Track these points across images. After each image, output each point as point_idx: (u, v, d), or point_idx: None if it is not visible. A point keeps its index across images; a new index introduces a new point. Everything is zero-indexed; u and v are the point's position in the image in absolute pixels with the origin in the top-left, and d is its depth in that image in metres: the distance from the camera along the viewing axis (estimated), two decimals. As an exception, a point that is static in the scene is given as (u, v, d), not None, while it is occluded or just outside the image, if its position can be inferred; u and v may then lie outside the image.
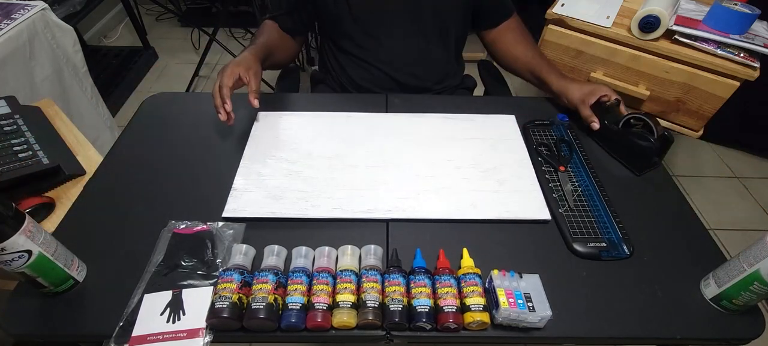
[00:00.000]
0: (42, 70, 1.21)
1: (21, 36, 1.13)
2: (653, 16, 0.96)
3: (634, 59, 1.04)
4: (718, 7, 0.95)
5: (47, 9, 1.23)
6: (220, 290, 0.50)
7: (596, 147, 0.78)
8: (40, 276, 0.50)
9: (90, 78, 1.42)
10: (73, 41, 1.32)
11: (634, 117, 0.75)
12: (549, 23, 1.12)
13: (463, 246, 0.58)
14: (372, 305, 0.50)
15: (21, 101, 0.94)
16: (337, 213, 0.63)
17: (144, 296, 0.53)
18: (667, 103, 1.06)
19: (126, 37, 2.49)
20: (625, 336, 0.52)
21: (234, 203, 0.64)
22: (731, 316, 0.54)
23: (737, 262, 0.50)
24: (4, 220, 0.45)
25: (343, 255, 0.57)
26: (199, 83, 2.15)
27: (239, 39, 2.39)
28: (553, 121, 0.82)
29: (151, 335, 0.49)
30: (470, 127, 0.80)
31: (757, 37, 0.94)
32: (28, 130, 0.85)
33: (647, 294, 0.55)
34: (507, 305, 0.49)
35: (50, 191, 0.81)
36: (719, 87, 0.96)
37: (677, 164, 1.77)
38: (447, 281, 0.52)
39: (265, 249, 0.57)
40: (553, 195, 0.68)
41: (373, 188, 0.68)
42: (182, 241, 0.59)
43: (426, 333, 0.50)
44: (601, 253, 0.59)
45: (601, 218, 0.64)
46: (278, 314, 0.50)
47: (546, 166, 0.73)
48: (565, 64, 1.15)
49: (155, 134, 0.79)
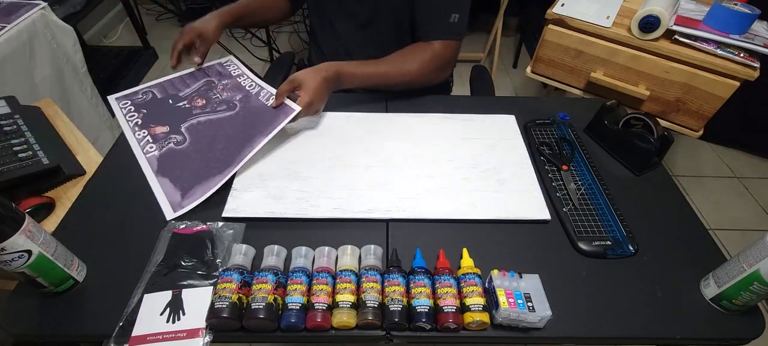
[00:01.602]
0: (42, 70, 1.21)
1: (21, 36, 1.13)
2: (653, 16, 0.96)
3: (634, 59, 1.04)
4: (718, 7, 0.95)
5: (47, 9, 1.23)
6: (220, 290, 0.50)
7: (596, 147, 0.78)
8: (40, 276, 0.50)
9: (90, 78, 1.42)
10: (73, 41, 1.32)
11: (634, 117, 0.75)
12: (549, 23, 1.12)
13: (462, 246, 0.58)
14: (372, 305, 0.50)
15: (21, 101, 0.94)
16: (337, 213, 0.63)
17: (144, 296, 0.53)
18: (667, 103, 1.06)
19: (126, 37, 2.49)
20: (625, 336, 0.52)
21: (234, 202, 0.64)
22: (731, 316, 0.54)
23: (737, 262, 0.50)
24: (4, 220, 0.45)
25: (343, 255, 0.57)
26: (199, 83, 2.15)
27: (239, 39, 2.39)
28: (554, 120, 0.82)
29: (150, 335, 0.49)
30: (470, 127, 0.80)
31: (757, 37, 0.94)
32: (28, 130, 0.85)
33: (647, 294, 0.55)
34: (507, 305, 0.49)
35: (50, 191, 0.81)
36: (719, 87, 0.96)
37: (677, 164, 1.77)
38: (447, 281, 0.52)
39: (265, 249, 0.57)
40: (556, 194, 0.68)
41: (373, 188, 0.68)
42: (182, 241, 0.59)
43: (426, 333, 0.50)
44: (607, 251, 0.59)
45: (605, 216, 0.64)
46: (278, 314, 0.50)
47: (548, 165, 0.73)
48: (565, 64, 1.15)
49: (155, 134, 0.79)
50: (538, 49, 1.17)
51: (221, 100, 0.82)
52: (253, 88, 0.84)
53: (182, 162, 0.70)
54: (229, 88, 0.85)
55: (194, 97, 0.83)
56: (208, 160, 0.70)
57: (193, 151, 0.72)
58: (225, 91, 0.84)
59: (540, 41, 1.16)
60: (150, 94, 0.83)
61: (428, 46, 0.83)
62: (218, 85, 0.86)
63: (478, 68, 1.13)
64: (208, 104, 0.81)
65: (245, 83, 0.86)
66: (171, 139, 0.74)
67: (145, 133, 0.75)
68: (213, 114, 0.79)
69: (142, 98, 0.82)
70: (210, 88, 0.86)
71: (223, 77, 0.89)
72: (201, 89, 0.85)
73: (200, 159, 0.70)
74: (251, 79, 0.87)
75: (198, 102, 0.82)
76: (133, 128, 0.76)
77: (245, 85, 0.85)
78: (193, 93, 0.84)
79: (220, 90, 0.85)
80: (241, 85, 0.86)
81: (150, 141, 0.73)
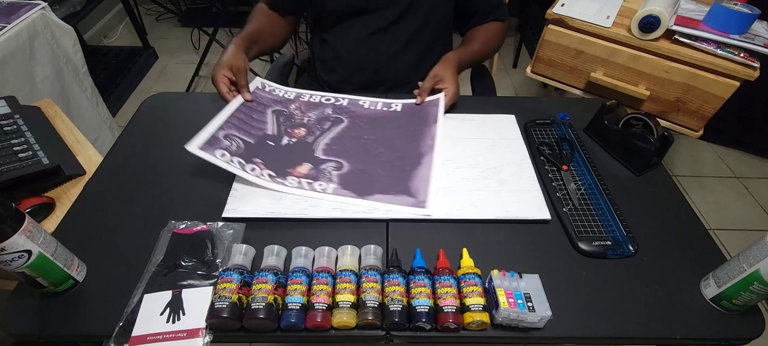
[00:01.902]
0: (42, 70, 1.21)
1: (21, 36, 1.13)
2: (653, 16, 0.96)
3: (634, 59, 1.04)
4: (718, 7, 0.95)
5: (47, 9, 1.23)
6: (220, 290, 0.50)
7: (596, 147, 0.78)
8: (40, 276, 0.50)
9: (90, 78, 1.42)
10: (73, 41, 1.33)
11: (634, 117, 0.75)
12: (549, 23, 1.12)
13: (462, 246, 0.58)
14: (372, 305, 0.50)
15: (21, 101, 0.94)
16: (337, 213, 0.63)
17: (144, 296, 0.53)
18: (667, 103, 1.06)
19: (126, 37, 2.49)
20: (625, 336, 0.52)
21: (234, 203, 0.64)
22: (731, 316, 0.54)
23: (737, 262, 0.50)
24: (4, 220, 0.45)
25: (343, 255, 0.57)
26: (199, 83, 2.15)
27: (239, 39, 2.39)
28: (554, 119, 0.82)
29: (150, 335, 0.49)
30: (470, 126, 0.81)
31: (757, 37, 0.94)
32: (28, 130, 0.85)
33: (647, 294, 0.55)
34: (507, 305, 0.49)
35: (50, 191, 0.81)
36: (719, 87, 0.96)
37: (677, 164, 1.77)
38: (447, 281, 0.52)
39: (264, 249, 0.57)
40: (556, 194, 0.68)
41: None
42: (182, 241, 0.59)
43: (426, 333, 0.50)
44: (607, 251, 0.59)
45: (605, 216, 0.64)
46: (278, 314, 0.50)
47: (548, 165, 0.73)
48: (565, 64, 1.15)
49: (155, 134, 0.79)
50: (538, 49, 1.17)
51: (321, 119, 0.79)
52: (324, 97, 0.84)
53: (373, 174, 0.69)
54: (305, 107, 0.82)
55: (290, 131, 0.76)
56: (393, 161, 0.71)
57: (370, 164, 0.70)
58: (307, 112, 0.81)
59: (540, 41, 1.16)
60: (237, 140, 0.71)
61: (499, 26, 0.99)
62: (291, 108, 0.82)
63: (478, 68, 1.13)
64: (308, 129, 0.77)
65: (307, 97, 0.85)
66: (325, 169, 0.69)
67: (293, 178, 0.67)
68: (331, 132, 0.76)
69: (237, 147, 0.69)
70: (289, 115, 0.80)
71: (279, 102, 0.83)
72: (283, 122, 0.78)
73: (386, 165, 0.70)
74: (303, 91, 0.87)
75: (299, 132, 0.76)
76: (268, 178, 0.66)
77: (313, 99, 0.84)
78: (281, 127, 0.77)
79: (297, 112, 0.81)
80: (311, 101, 0.84)
81: (304, 182, 0.67)
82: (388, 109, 0.84)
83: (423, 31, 0.93)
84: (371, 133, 0.77)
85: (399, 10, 0.89)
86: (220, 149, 0.67)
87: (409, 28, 0.92)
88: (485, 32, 0.98)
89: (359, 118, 0.81)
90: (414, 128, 0.78)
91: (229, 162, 0.65)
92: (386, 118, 0.81)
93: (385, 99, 0.86)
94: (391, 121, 0.80)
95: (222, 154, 0.66)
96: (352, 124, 0.79)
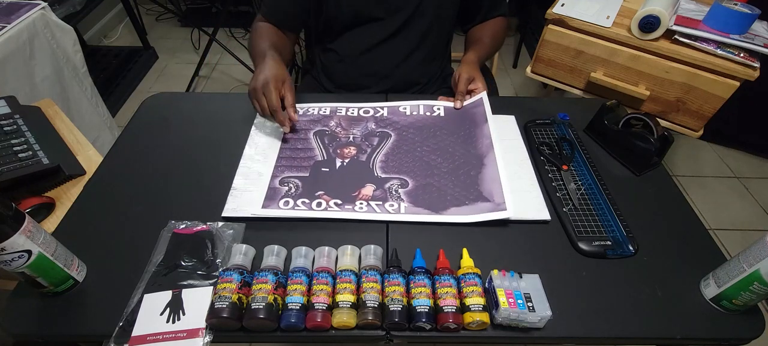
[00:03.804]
0: (42, 70, 1.21)
1: (21, 36, 1.13)
2: (653, 16, 0.96)
3: (634, 59, 1.04)
4: (718, 7, 0.95)
5: (47, 9, 1.23)
6: (220, 290, 0.50)
7: (596, 147, 0.78)
8: (40, 276, 0.50)
9: (90, 78, 1.42)
10: (73, 41, 1.33)
11: (634, 117, 0.75)
12: (549, 23, 1.12)
13: (462, 246, 0.58)
14: (372, 305, 0.50)
15: (21, 101, 0.94)
16: (337, 213, 0.63)
17: (144, 296, 0.53)
18: (667, 103, 1.06)
19: (126, 37, 2.49)
20: (625, 336, 0.52)
21: (234, 202, 0.64)
22: (731, 316, 0.54)
23: (737, 262, 0.50)
24: (4, 220, 0.45)
25: (343, 255, 0.57)
26: (199, 83, 2.15)
27: (239, 39, 2.39)
28: (554, 120, 0.82)
29: (150, 335, 0.49)
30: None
31: (757, 37, 0.94)
32: (28, 130, 0.85)
33: (647, 294, 0.55)
34: (507, 305, 0.49)
35: (50, 191, 0.81)
36: (719, 87, 0.96)
37: (677, 164, 1.77)
38: (447, 281, 0.52)
39: (264, 249, 0.57)
40: (556, 194, 0.68)
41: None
42: (182, 241, 0.59)
43: (426, 333, 0.50)
44: (607, 251, 0.59)
45: (605, 216, 0.64)
46: (278, 314, 0.50)
47: (548, 165, 0.73)
48: (565, 64, 1.15)
49: (155, 134, 0.79)
50: (538, 49, 1.17)
51: (367, 134, 0.77)
52: (362, 110, 0.83)
53: (440, 187, 0.67)
54: (346, 123, 0.79)
55: (340, 151, 0.74)
56: (455, 169, 0.70)
57: (433, 177, 0.69)
58: (349, 128, 0.78)
59: (540, 41, 1.16)
60: (294, 180, 0.68)
61: (503, 21, 1.01)
62: (331, 126, 0.79)
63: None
64: (358, 147, 0.74)
65: (344, 111, 0.82)
66: (390, 187, 0.67)
67: (362, 202, 0.65)
68: (382, 147, 0.74)
69: (296, 188, 0.67)
70: (332, 134, 0.77)
71: (317, 121, 0.80)
72: (328, 143, 0.75)
73: (450, 175, 0.69)
74: (338, 104, 0.84)
75: (348, 152, 0.73)
76: (335, 208, 0.64)
77: (351, 113, 0.82)
78: (329, 149, 0.74)
79: (340, 130, 0.78)
80: (350, 116, 0.81)
81: (374, 205, 0.64)
82: (430, 113, 0.82)
83: (429, 33, 0.93)
84: (423, 144, 0.75)
85: (405, 16, 0.89)
86: (283, 199, 0.64)
87: (416, 32, 0.92)
88: (492, 28, 0.99)
89: (405, 129, 0.79)
90: (465, 132, 0.77)
91: (295, 208, 0.63)
92: (434, 125, 0.79)
93: (426, 102, 0.85)
94: (440, 128, 0.79)
95: (285, 202, 0.64)
96: (401, 137, 0.77)
